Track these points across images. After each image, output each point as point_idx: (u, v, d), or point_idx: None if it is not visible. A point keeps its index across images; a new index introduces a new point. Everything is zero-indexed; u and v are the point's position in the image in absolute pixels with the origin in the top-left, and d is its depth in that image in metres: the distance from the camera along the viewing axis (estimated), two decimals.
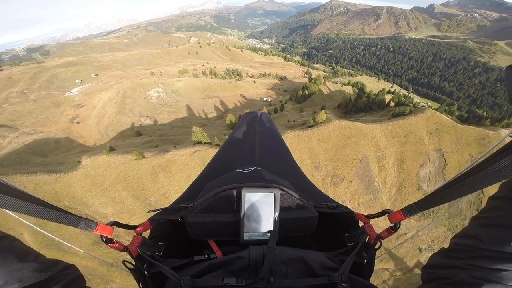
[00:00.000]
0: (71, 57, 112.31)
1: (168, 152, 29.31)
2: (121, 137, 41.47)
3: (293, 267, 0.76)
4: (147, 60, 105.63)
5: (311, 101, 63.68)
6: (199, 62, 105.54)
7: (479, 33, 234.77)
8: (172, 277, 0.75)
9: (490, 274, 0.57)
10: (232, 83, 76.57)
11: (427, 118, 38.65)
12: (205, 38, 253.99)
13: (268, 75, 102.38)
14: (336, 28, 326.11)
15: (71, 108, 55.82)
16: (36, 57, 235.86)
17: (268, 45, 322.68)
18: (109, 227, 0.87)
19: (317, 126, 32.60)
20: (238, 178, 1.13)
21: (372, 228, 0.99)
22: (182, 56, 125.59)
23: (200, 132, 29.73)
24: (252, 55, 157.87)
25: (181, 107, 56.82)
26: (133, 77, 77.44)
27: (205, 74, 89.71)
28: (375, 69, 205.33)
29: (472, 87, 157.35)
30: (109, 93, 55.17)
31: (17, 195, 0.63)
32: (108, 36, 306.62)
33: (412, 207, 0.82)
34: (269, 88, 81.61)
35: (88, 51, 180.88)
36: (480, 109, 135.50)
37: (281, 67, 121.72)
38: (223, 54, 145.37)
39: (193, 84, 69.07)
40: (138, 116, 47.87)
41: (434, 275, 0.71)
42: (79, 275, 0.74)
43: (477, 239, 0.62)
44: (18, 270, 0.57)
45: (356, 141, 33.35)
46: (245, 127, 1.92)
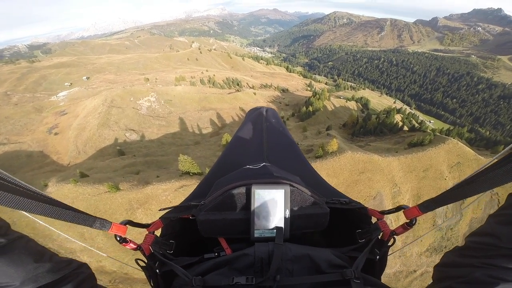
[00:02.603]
0: (66, 57, 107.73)
1: (148, 185, 24.34)
2: (101, 156, 36.44)
3: (300, 265, 0.75)
4: (144, 65, 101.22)
5: (315, 118, 59.19)
6: (198, 69, 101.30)
7: (481, 47, 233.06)
8: (183, 275, 0.75)
9: (508, 273, 0.55)
10: (231, 95, 72.13)
11: (449, 150, 34.26)
12: (207, 44, 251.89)
13: (270, 87, 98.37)
14: (339, 39, 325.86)
15: (53, 115, 50.78)
16: (38, 55, 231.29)
17: (270, 54, 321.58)
18: (123, 226, 0.87)
19: (327, 158, 27.86)
20: (247, 175, 1.11)
21: (385, 224, 0.97)
22: (181, 61, 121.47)
23: (188, 161, 24.89)
24: (254, 64, 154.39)
25: (174, 120, 51.96)
26: (126, 82, 72.74)
27: (203, 82, 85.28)
28: (378, 83, 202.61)
29: (475, 104, 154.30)
30: (95, 101, 50.27)
31: (32, 196, 0.63)
32: (111, 37, 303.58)
33: (429, 203, 0.79)
34: (270, 101, 77.33)
35: (88, 51, 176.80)
36: (483, 128, 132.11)
37: (283, 78, 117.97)
38: (223, 62, 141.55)
39: (189, 94, 64.48)
40: (124, 129, 42.85)
41: (447, 274, 0.69)
42: (90, 273, 0.75)
43: (495, 237, 0.60)
44: (33, 270, 0.58)
45: (371, 176, 28.68)
46: (252, 124, 1.91)
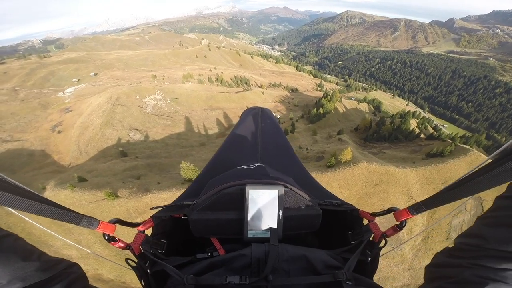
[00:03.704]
0: (76, 53, 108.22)
1: (148, 193, 22.99)
2: (102, 157, 35.43)
3: (296, 265, 0.75)
4: (152, 61, 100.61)
5: (325, 121, 56.85)
6: (207, 67, 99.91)
7: (500, 50, 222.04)
8: (175, 275, 0.74)
9: (495, 273, 0.56)
10: (238, 94, 70.43)
11: (470, 162, 31.64)
12: (216, 41, 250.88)
13: (279, 86, 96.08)
14: (350, 39, 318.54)
15: (58, 112, 50.35)
16: (51, 50, 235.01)
17: (279, 52, 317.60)
18: (111, 225, 0.85)
19: (340, 168, 25.84)
20: (241, 175, 1.10)
21: (377, 226, 0.97)
22: (189, 58, 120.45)
23: (191, 169, 23.39)
24: (263, 62, 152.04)
25: (179, 119, 50.72)
26: (133, 79, 72.06)
27: (211, 80, 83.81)
28: (390, 84, 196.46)
29: (491, 109, 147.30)
30: (100, 98, 49.53)
31: (18, 192, 0.61)
32: (123, 33, 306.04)
33: (419, 205, 0.80)
34: (279, 101, 75.25)
35: (99, 46, 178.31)
36: (498, 134, 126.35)
37: (293, 78, 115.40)
38: (232, 60, 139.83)
39: (196, 92, 63.12)
40: (127, 129, 41.79)
41: (437, 274, 0.70)
42: (81, 273, 0.74)
43: (482, 238, 0.62)
44: (21, 269, 0.56)
45: (386, 189, 26.52)
46: (247, 123, 1.90)
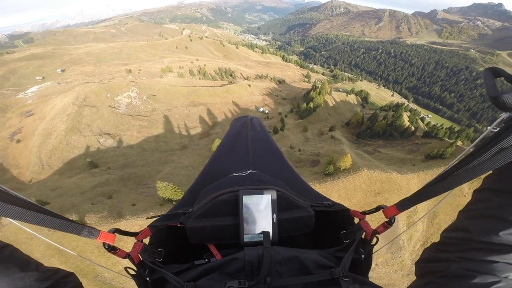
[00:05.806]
0: (40, 48, 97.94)
1: (121, 218, 18.83)
2: (69, 169, 30.57)
3: (288, 267, 0.77)
4: (127, 54, 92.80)
5: (315, 115, 54.00)
6: (188, 59, 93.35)
7: (480, 41, 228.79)
8: (175, 282, 0.75)
9: (482, 265, 0.57)
10: (223, 87, 65.79)
11: None
12: (199, 31, 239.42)
13: (265, 77, 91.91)
14: (335, 29, 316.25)
15: (18, 116, 44.01)
16: (19, 45, 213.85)
17: (264, 42, 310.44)
18: (111, 234, 0.87)
19: (339, 176, 23.00)
20: (234, 182, 1.13)
21: (367, 224, 1.00)
22: (169, 50, 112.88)
23: (169, 188, 19.55)
24: (248, 53, 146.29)
25: (158, 118, 45.96)
26: (105, 75, 65.39)
27: (192, 73, 78.26)
28: (375, 74, 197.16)
29: (473, 100, 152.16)
30: (65, 99, 43.59)
31: (21, 204, 0.62)
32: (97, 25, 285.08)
33: (405, 202, 0.83)
34: (266, 93, 71.39)
35: (70, 40, 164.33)
36: (480, 124, 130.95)
37: (279, 68, 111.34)
38: (216, 50, 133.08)
39: (175, 87, 57.93)
40: (97, 134, 36.67)
41: (427, 269, 0.72)
42: (78, 283, 0.74)
43: (466, 232, 0.63)
44: (20, 280, 0.57)
45: (388, 197, 24.09)
46: (237, 132, 1.94)
